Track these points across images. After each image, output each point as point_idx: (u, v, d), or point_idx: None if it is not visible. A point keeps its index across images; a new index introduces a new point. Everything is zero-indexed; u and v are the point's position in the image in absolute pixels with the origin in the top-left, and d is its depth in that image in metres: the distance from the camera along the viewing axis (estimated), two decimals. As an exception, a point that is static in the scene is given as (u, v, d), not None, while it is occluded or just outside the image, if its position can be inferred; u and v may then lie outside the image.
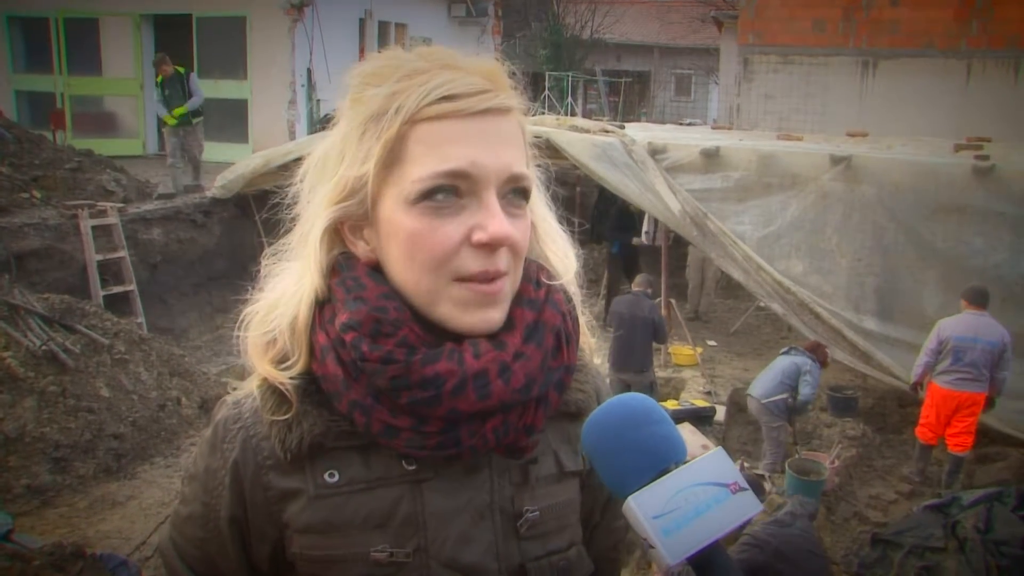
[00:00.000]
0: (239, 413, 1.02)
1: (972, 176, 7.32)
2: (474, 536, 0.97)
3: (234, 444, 1.00)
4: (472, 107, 0.90)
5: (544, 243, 1.05)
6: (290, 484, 0.97)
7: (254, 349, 1.00)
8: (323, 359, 0.95)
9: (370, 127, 0.92)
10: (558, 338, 0.98)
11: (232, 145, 13.34)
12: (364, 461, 0.96)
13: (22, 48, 14.93)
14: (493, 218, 0.89)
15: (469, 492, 0.97)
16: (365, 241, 0.97)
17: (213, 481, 1.01)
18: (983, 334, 6.22)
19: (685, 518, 0.80)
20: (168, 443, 6.58)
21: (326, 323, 0.96)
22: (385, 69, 0.93)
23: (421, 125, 0.90)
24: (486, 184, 0.90)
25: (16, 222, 8.08)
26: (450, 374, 0.89)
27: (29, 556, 4.23)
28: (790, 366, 6.59)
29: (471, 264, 0.90)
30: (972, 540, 5.02)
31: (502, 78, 0.94)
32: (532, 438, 0.97)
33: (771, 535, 4.07)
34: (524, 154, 0.96)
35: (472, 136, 0.89)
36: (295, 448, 0.95)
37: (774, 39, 13.55)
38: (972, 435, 6.38)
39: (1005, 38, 12.21)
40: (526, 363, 0.93)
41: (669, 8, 29.69)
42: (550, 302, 0.99)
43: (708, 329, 10.64)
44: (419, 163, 0.89)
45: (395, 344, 0.91)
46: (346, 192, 0.94)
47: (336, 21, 13.89)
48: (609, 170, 8.02)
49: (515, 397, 0.92)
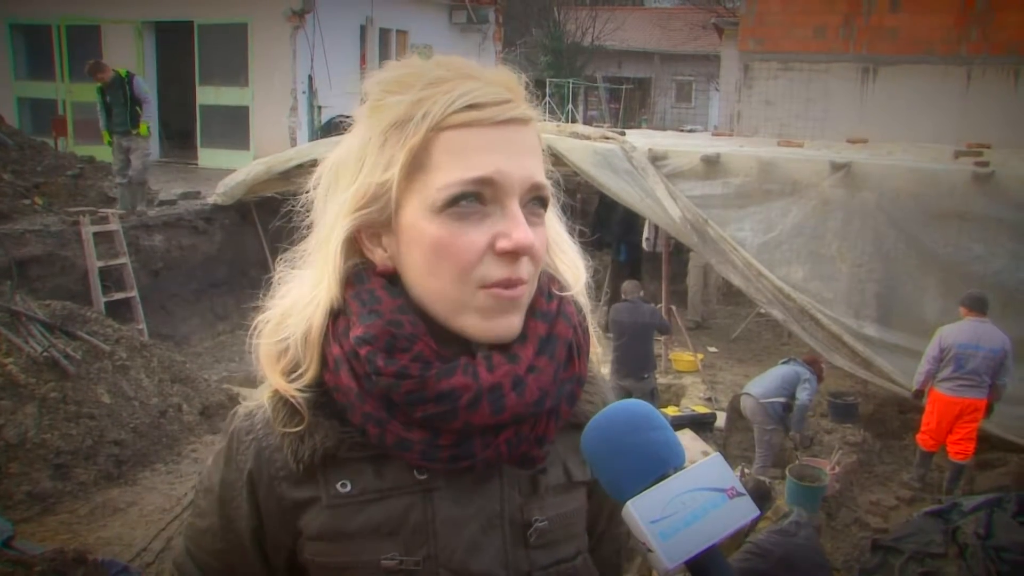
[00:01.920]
0: (251, 425, 1.02)
1: (972, 182, 7.32)
2: (483, 545, 0.97)
3: (247, 456, 1.00)
4: (497, 116, 0.91)
5: (554, 253, 1.06)
6: (303, 494, 0.98)
7: (267, 358, 1.00)
8: (337, 371, 0.95)
9: (393, 134, 0.92)
10: (570, 350, 0.99)
11: (233, 152, 13.38)
12: (376, 471, 0.97)
13: (24, 55, 15.01)
14: (517, 227, 0.89)
15: (479, 501, 0.98)
16: (384, 249, 0.97)
17: (230, 493, 1.02)
18: (985, 341, 6.22)
19: (683, 522, 0.80)
20: (169, 449, 6.58)
21: (340, 335, 0.96)
22: (408, 77, 0.94)
23: (447, 133, 0.90)
24: (510, 192, 0.90)
25: (18, 229, 8.10)
26: (465, 388, 0.90)
27: (30, 562, 4.23)
28: (790, 373, 6.61)
29: (495, 272, 0.90)
30: (973, 546, 5.02)
31: (520, 88, 0.95)
32: (543, 449, 0.98)
33: (775, 544, 4.06)
34: (543, 164, 0.97)
35: (497, 145, 0.90)
36: (307, 460, 0.96)
37: (775, 46, 13.57)
38: (973, 442, 6.37)
39: (1005, 44, 12.22)
40: (539, 376, 0.94)
41: (670, 15, 29.77)
42: (562, 314, 0.99)
43: (709, 335, 10.64)
44: (445, 170, 0.90)
45: (410, 359, 0.91)
46: (367, 199, 0.94)
47: (337, 28, 13.92)
48: (610, 177, 8.03)
49: (528, 410, 0.92)
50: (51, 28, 13.79)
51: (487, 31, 18.51)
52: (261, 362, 1.00)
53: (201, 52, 13.83)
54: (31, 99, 14.63)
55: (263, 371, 1.00)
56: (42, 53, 14.26)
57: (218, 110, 13.94)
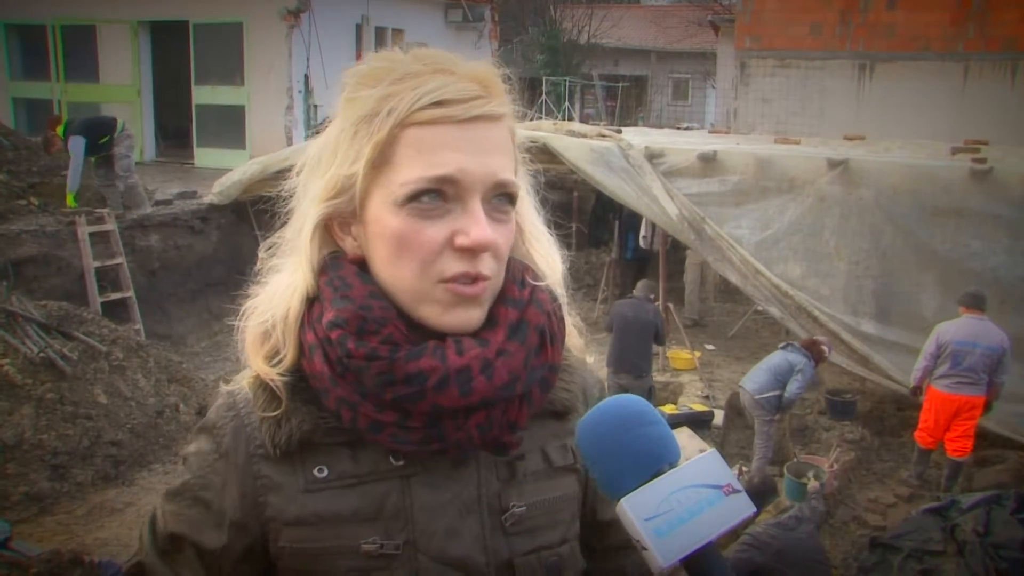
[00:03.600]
0: (233, 402, 1.03)
1: (969, 179, 7.33)
2: (461, 530, 0.98)
3: (225, 430, 1.01)
4: (462, 114, 0.91)
5: (530, 244, 1.07)
6: (280, 476, 0.98)
7: (251, 341, 1.02)
8: (311, 357, 0.96)
9: (362, 128, 0.93)
10: (542, 336, 0.99)
11: (229, 151, 13.35)
12: (353, 457, 0.98)
13: (19, 55, 14.97)
14: (476, 224, 0.90)
15: (456, 487, 0.99)
16: (353, 238, 0.99)
17: (204, 462, 1.02)
18: (983, 339, 6.21)
19: (678, 520, 0.79)
20: (166, 449, 6.57)
21: (314, 321, 0.97)
22: (379, 71, 0.95)
23: (411, 129, 0.91)
24: (471, 190, 0.91)
25: (14, 229, 8.09)
26: (433, 370, 0.91)
27: (27, 564, 4.23)
28: (783, 363, 6.55)
29: (453, 266, 0.91)
30: (971, 543, 5.02)
31: (496, 83, 0.95)
32: (516, 435, 0.98)
33: (773, 537, 4.07)
34: (513, 160, 0.97)
35: (460, 143, 0.91)
36: (284, 444, 0.97)
37: (771, 43, 13.57)
38: (971, 439, 6.37)
39: (1002, 41, 12.23)
40: (508, 360, 0.94)
41: (666, 13, 29.77)
42: (534, 301, 1.00)
43: (706, 333, 10.65)
44: (407, 166, 0.91)
45: (379, 341, 0.92)
46: (336, 190, 0.96)
47: (333, 27, 13.90)
48: (606, 175, 8.03)
49: (498, 393, 0.93)
50: (46, 28, 13.72)
51: (483, 29, 18.48)
52: (246, 344, 1.02)
53: (197, 51, 13.79)
54: (26, 99, 14.59)
55: (246, 355, 1.02)
56: (37, 53, 14.22)
57: (214, 109, 13.90)
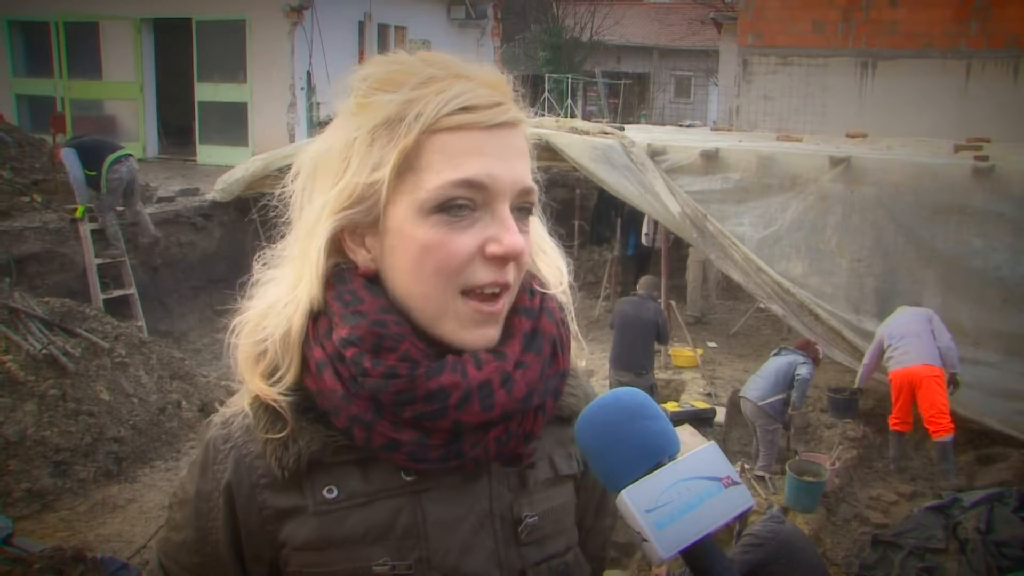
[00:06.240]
0: (228, 433, 0.99)
1: (972, 177, 7.31)
2: (475, 545, 0.96)
3: (226, 465, 0.98)
4: (489, 120, 0.89)
5: (535, 254, 1.05)
6: (287, 502, 0.95)
7: (245, 360, 0.97)
8: (319, 374, 0.93)
9: (382, 134, 0.90)
10: (554, 346, 0.98)
11: (232, 148, 13.35)
12: (363, 475, 0.95)
13: (22, 52, 14.97)
14: (508, 232, 0.89)
15: (469, 500, 0.97)
16: (367, 250, 0.95)
17: (207, 504, 0.99)
18: (908, 315, 6.66)
19: (678, 512, 0.80)
20: (168, 446, 6.58)
21: (321, 337, 0.94)
22: (397, 74, 0.92)
23: (439, 135, 0.88)
24: (501, 197, 0.90)
25: (16, 226, 8.10)
26: (455, 387, 0.89)
27: (29, 560, 4.24)
28: (784, 365, 6.56)
29: (482, 275, 0.89)
30: (973, 541, 5.02)
31: (508, 89, 0.94)
32: (530, 445, 0.97)
33: (770, 531, 4.12)
34: (530, 168, 0.96)
35: (488, 148, 0.89)
36: (292, 466, 0.94)
37: (773, 40, 13.56)
38: (946, 415, 6.32)
39: (1004, 38, 12.21)
40: (526, 372, 0.93)
41: (668, 10, 29.70)
42: (546, 310, 0.99)
43: (708, 330, 10.64)
44: (436, 173, 0.88)
45: (397, 359, 0.90)
46: (353, 199, 0.92)
47: (335, 24, 13.89)
48: (608, 172, 8.03)
49: (517, 406, 0.92)
50: (49, 25, 13.73)
51: (485, 27, 18.47)
52: (240, 364, 0.98)
53: (199, 48, 13.79)
54: (29, 96, 14.59)
55: (242, 374, 0.98)
56: (40, 50, 14.22)
57: (216, 106, 13.90)
